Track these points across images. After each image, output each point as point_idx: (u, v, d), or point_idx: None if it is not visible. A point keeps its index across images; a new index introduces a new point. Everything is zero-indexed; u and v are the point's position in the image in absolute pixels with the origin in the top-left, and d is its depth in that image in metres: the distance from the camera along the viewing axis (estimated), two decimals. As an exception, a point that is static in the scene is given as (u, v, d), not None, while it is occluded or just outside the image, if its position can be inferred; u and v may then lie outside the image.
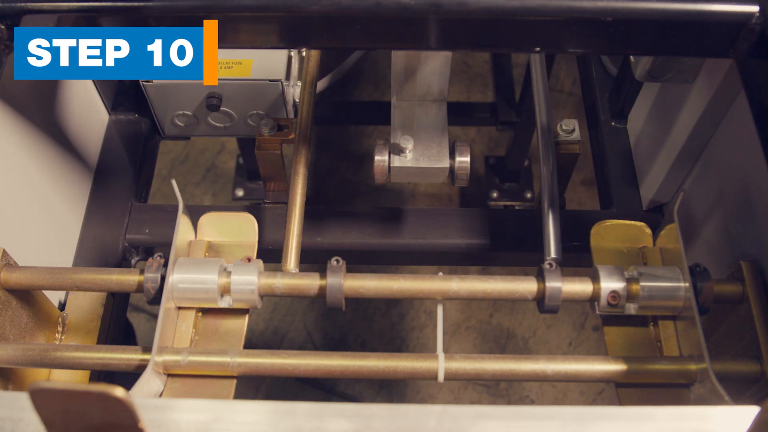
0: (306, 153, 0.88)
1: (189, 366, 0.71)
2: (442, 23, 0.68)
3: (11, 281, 0.73)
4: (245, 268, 0.74)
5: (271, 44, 0.72)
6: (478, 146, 1.79)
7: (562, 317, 1.61)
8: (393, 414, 0.52)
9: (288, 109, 0.99)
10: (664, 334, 0.75)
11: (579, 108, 1.70)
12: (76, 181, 0.96)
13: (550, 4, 0.65)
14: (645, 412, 0.54)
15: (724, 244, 0.81)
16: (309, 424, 0.52)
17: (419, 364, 0.71)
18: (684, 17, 0.65)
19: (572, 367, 0.70)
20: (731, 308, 0.74)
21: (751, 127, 0.67)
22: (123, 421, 0.44)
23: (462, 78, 1.88)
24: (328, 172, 1.76)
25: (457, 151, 0.86)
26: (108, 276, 0.75)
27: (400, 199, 1.74)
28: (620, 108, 1.05)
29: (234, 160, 1.73)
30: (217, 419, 0.52)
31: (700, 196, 0.88)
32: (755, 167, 0.72)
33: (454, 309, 1.62)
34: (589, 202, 1.70)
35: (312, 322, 1.61)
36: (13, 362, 0.72)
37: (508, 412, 0.53)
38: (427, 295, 0.74)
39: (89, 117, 1.02)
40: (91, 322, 0.83)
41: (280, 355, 0.72)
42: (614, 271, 0.73)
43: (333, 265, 0.73)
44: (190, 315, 0.76)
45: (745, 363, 0.69)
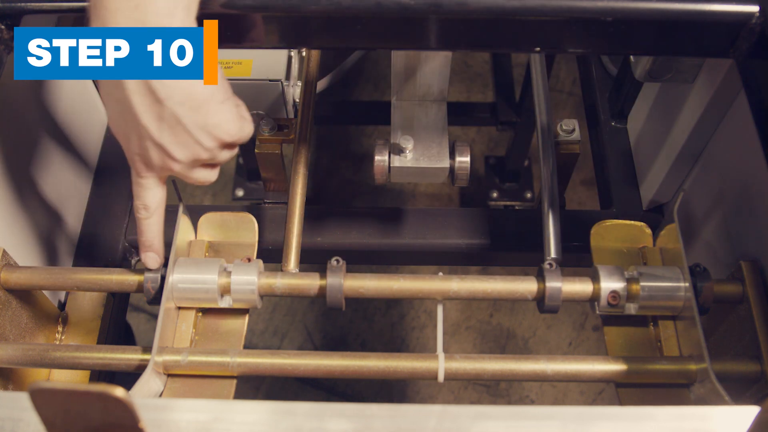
0: (306, 153, 0.88)
1: (189, 366, 0.71)
2: (442, 23, 0.68)
3: (11, 281, 0.73)
4: (245, 268, 0.74)
5: (271, 44, 0.72)
6: (478, 146, 1.79)
7: (562, 317, 1.61)
8: (393, 414, 0.52)
9: (288, 109, 0.99)
10: (664, 334, 0.75)
11: (579, 108, 1.70)
12: (76, 181, 0.96)
13: (550, 4, 0.65)
14: (645, 412, 0.54)
15: (724, 244, 0.81)
16: (309, 424, 0.52)
17: (419, 364, 0.71)
18: (684, 17, 0.65)
19: (572, 367, 0.70)
20: (731, 308, 0.74)
21: (751, 127, 0.67)
22: (123, 421, 0.44)
23: (462, 78, 1.88)
24: (328, 172, 1.76)
25: (457, 151, 0.86)
26: (108, 276, 0.75)
27: (400, 199, 1.74)
28: (620, 108, 1.05)
29: (234, 160, 1.72)
30: (217, 419, 0.52)
31: (700, 196, 0.88)
32: (755, 167, 0.72)
33: (454, 309, 1.62)
34: (589, 202, 1.70)
35: (312, 322, 1.61)
36: (13, 362, 0.72)
37: (508, 412, 0.53)
38: (427, 295, 0.74)
39: (89, 117, 1.02)
40: (91, 322, 0.83)
41: (280, 355, 0.72)
42: (614, 271, 0.73)
43: (333, 265, 0.73)
44: (190, 315, 0.76)
45: (745, 363, 0.69)
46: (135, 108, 0.59)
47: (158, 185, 0.67)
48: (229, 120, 0.63)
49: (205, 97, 0.61)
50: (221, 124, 0.63)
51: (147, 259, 0.72)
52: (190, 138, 0.62)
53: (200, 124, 0.61)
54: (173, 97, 0.59)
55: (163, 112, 0.59)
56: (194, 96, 0.60)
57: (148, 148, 0.62)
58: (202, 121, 0.61)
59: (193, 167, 0.66)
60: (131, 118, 0.60)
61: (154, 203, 0.68)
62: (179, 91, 0.59)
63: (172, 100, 0.59)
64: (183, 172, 0.66)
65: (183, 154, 0.63)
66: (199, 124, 0.61)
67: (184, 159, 0.63)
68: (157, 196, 0.68)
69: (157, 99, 0.59)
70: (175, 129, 0.61)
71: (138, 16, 0.56)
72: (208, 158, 0.65)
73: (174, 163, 0.64)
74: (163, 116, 0.60)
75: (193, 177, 0.67)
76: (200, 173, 0.67)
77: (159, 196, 0.68)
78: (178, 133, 0.61)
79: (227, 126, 0.63)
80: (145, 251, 0.71)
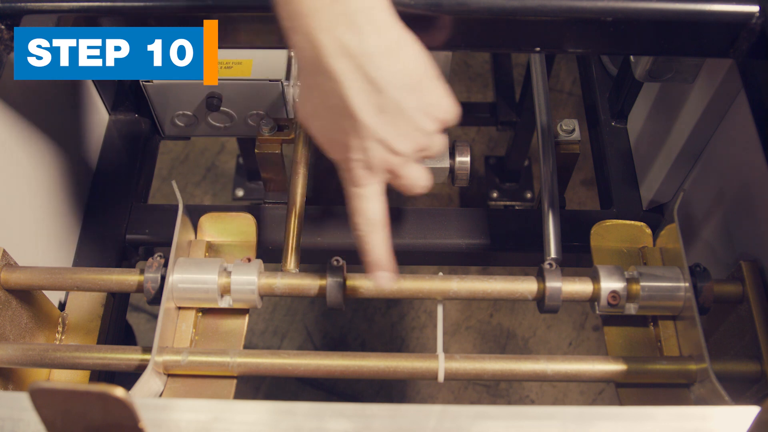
0: (306, 153, 0.88)
1: (189, 366, 0.71)
2: (442, 23, 0.68)
3: (11, 281, 0.73)
4: (245, 268, 0.74)
5: (271, 44, 0.72)
6: (478, 146, 1.79)
7: (562, 317, 1.61)
8: (393, 414, 0.52)
9: (288, 109, 0.99)
10: (664, 334, 0.75)
11: (579, 108, 1.70)
12: (76, 181, 0.96)
13: (550, 4, 0.65)
14: (645, 412, 0.54)
15: (724, 244, 0.81)
16: (309, 424, 0.52)
17: (419, 364, 0.71)
18: (684, 17, 0.65)
19: (572, 367, 0.70)
20: (731, 308, 0.74)
21: (751, 127, 0.67)
22: (123, 421, 0.44)
23: (462, 78, 1.88)
24: (328, 172, 1.76)
25: (457, 151, 0.86)
26: (108, 276, 0.75)
27: (400, 199, 1.74)
28: (620, 108, 1.05)
29: (234, 160, 1.72)
30: (217, 419, 0.52)
31: (700, 196, 0.88)
32: (755, 167, 0.72)
33: (454, 309, 1.62)
34: (589, 202, 1.70)
35: (312, 322, 1.61)
36: (13, 362, 0.72)
37: (508, 412, 0.53)
38: (427, 295, 0.74)
39: (89, 117, 1.02)
40: (91, 322, 0.83)
41: (280, 355, 0.72)
42: (614, 271, 0.73)
43: (333, 265, 0.73)
44: (190, 315, 0.76)
45: (745, 363, 0.69)
46: (353, 106, 0.54)
47: (380, 193, 0.61)
48: (442, 96, 0.58)
49: (420, 75, 0.56)
50: (438, 102, 0.58)
51: (381, 279, 0.64)
52: (410, 125, 0.57)
53: (420, 106, 0.56)
54: (393, 82, 0.54)
55: (384, 101, 0.55)
56: (411, 76, 0.55)
57: (369, 148, 0.57)
58: (421, 103, 0.56)
59: (411, 162, 0.60)
60: (348, 120, 0.56)
61: (379, 214, 0.61)
62: (397, 73, 0.54)
63: (392, 86, 0.54)
64: (402, 171, 0.60)
65: (406, 145, 0.58)
66: (418, 107, 0.56)
67: (407, 151, 0.58)
68: (381, 206, 0.61)
69: (377, 88, 0.54)
70: (396, 118, 0.56)
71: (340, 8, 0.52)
72: (427, 146, 0.59)
73: (396, 158, 0.58)
74: (384, 107, 0.55)
75: (410, 176, 0.61)
76: (416, 170, 0.61)
77: (383, 205, 0.61)
78: (399, 122, 0.56)
79: (443, 102, 0.58)
80: (376, 271, 0.63)
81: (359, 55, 0.53)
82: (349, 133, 0.56)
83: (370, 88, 0.54)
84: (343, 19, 0.52)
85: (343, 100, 0.54)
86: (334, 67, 0.53)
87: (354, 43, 0.53)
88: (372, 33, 0.53)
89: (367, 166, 0.58)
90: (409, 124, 0.57)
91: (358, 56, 0.53)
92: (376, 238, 0.62)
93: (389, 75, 0.54)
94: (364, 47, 0.53)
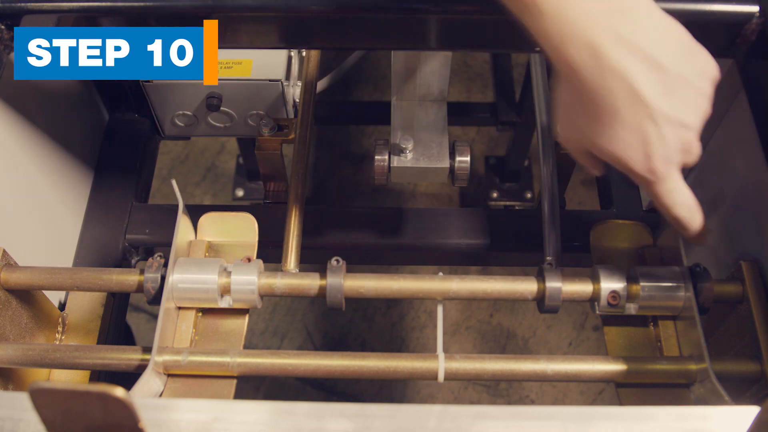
0: (306, 153, 0.88)
1: (189, 366, 0.71)
2: (442, 23, 0.68)
3: (11, 281, 0.73)
4: (245, 268, 0.74)
5: (271, 44, 0.72)
6: (478, 146, 1.79)
7: (562, 317, 1.61)
8: (393, 414, 0.52)
9: (288, 109, 0.99)
10: (664, 334, 0.75)
11: (579, 108, 1.69)
12: (76, 181, 0.96)
13: (550, 4, 0.65)
14: (645, 412, 0.54)
15: (724, 244, 0.81)
16: (309, 424, 0.52)
17: (419, 364, 0.71)
18: (684, 17, 0.65)
19: (572, 367, 0.70)
20: (731, 308, 0.74)
21: (751, 127, 0.67)
22: (123, 421, 0.44)
23: (462, 78, 1.88)
24: (328, 172, 1.76)
25: (457, 151, 0.86)
26: (108, 276, 0.75)
27: (400, 199, 1.74)
28: (620, 108, 1.05)
29: (234, 160, 1.73)
30: (217, 419, 0.52)
31: (700, 196, 0.87)
32: (755, 167, 0.72)
33: (454, 309, 1.62)
34: (589, 202, 1.70)
35: (312, 322, 1.61)
36: (13, 362, 0.72)
37: (508, 412, 0.53)
38: (427, 295, 0.74)
39: (89, 117, 1.02)
40: (91, 322, 0.83)
41: (280, 355, 0.72)
42: (614, 271, 0.73)
43: (333, 265, 0.73)
44: (190, 315, 0.76)
45: (745, 363, 0.69)
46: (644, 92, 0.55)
47: (682, 177, 0.61)
48: (706, 54, 0.58)
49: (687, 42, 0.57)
50: (707, 60, 0.58)
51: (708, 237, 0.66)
52: (694, 92, 0.57)
53: (696, 71, 0.57)
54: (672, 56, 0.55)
55: (668, 78, 0.55)
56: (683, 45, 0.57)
57: (665, 134, 0.56)
58: (696, 67, 0.57)
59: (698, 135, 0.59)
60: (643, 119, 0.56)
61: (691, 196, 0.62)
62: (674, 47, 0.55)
63: (673, 60, 0.55)
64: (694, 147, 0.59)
65: (694, 116, 0.57)
66: (696, 72, 0.57)
67: (696, 122, 0.58)
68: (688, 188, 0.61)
69: (661, 68, 0.54)
70: (682, 91, 0.56)
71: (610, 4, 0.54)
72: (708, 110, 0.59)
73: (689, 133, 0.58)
74: (669, 84, 0.55)
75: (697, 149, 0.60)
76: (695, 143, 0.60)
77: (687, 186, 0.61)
78: (686, 94, 0.56)
79: (709, 60, 0.58)
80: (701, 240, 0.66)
81: (638, 40, 0.54)
82: (647, 131, 0.56)
83: (654, 69, 0.54)
84: (616, 13, 0.54)
85: (631, 92, 0.55)
86: (615, 58, 0.54)
87: (629, 31, 0.54)
88: (644, 17, 0.55)
89: (666, 159, 0.58)
90: (693, 92, 0.57)
91: (636, 41, 0.54)
92: (699, 217, 0.64)
93: (668, 49, 0.55)
94: (640, 32, 0.54)
